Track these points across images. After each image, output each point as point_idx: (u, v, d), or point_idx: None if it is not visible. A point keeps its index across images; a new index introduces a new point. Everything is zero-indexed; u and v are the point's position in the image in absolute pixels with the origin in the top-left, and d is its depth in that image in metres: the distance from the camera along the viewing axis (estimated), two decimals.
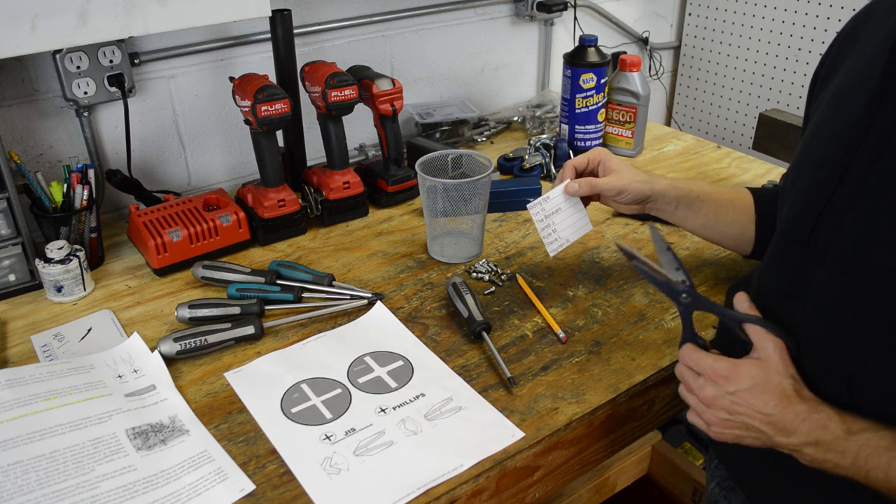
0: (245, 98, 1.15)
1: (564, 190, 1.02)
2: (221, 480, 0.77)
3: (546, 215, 1.03)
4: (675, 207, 0.99)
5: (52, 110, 1.22)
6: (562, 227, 1.03)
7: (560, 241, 1.04)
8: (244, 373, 0.93)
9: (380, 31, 1.53)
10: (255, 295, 1.05)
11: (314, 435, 0.83)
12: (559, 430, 0.84)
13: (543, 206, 1.03)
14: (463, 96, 1.71)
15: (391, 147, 1.32)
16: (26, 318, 1.05)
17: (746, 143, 1.97)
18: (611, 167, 1.00)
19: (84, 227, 1.13)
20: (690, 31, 2.05)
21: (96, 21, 0.97)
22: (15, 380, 0.85)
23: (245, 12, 1.08)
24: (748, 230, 0.99)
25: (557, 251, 1.04)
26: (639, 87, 1.48)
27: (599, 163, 1.02)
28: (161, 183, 1.38)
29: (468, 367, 0.94)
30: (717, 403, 0.71)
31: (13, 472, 0.74)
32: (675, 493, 1.76)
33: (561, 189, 1.02)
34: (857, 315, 0.66)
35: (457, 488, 0.77)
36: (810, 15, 1.75)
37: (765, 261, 0.81)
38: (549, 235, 1.04)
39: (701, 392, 0.73)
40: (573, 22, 1.80)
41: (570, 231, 1.04)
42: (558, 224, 1.03)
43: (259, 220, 1.21)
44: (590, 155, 1.03)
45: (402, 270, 1.15)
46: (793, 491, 0.76)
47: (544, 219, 1.03)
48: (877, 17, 0.73)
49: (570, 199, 1.03)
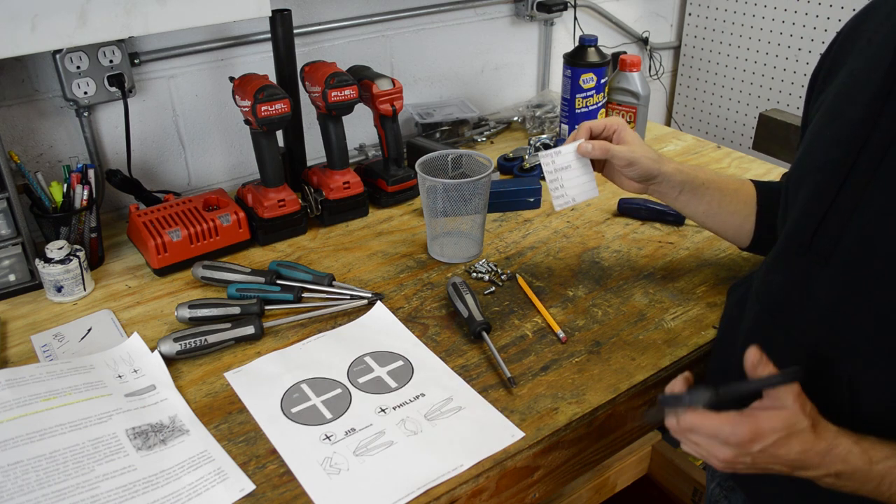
0: (245, 98, 1.15)
1: (577, 148, 1.00)
2: (221, 480, 0.77)
3: (556, 168, 1.01)
4: (678, 192, 0.99)
5: (52, 110, 1.22)
6: (570, 185, 1.02)
7: (566, 199, 1.02)
8: (244, 373, 0.93)
9: (380, 31, 1.53)
10: (255, 295, 1.05)
11: (314, 435, 0.83)
12: (559, 430, 0.84)
13: (554, 159, 1.01)
14: (463, 96, 1.71)
15: (391, 147, 1.32)
16: (26, 318, 1.05)
17: (746, 143, 1.97)
18: (625, 138, 0.99)
19: (84, 227, 1.13)
20: (690, 31, 2.05)
21: (96, 21, 0.97)
22: (15, 380, 0.85)
23: (245, 12, 1.08)
24: (748, 222, 0.99)
25: (563, 207, 1.02)
26: (639, 87, 1.48)
27: (615, 131, 1.00)
28: (161, 183, 1.38)
29: (468, 367, 0.94)
30: (738, 460, 0.67)
31: (13, 472, 0.74)
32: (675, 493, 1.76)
33: (574, 146, 1.00)
34: (859, 317, 0.66)
35: (457, 488, 0.77)
36: (810, 15, 1.75)
37: (767, 262, 0.81)
38: (557, 190, 1.02)
39: (721, 454, 0.68)
40: (573, 22, 1.80)
41: (577, 191, 1.02)
42: (567, 181, 1.02)
43: (259, 220, 1.21)
44: (607, 121, 1.01)
45: (402, 270, 1.15)
46: (793, 491, 0.76)
47: (553, 171, 1.01)
48: (877, 18, 0.73)
49: (581, 159, 1.01)
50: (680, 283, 1.11)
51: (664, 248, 1.20)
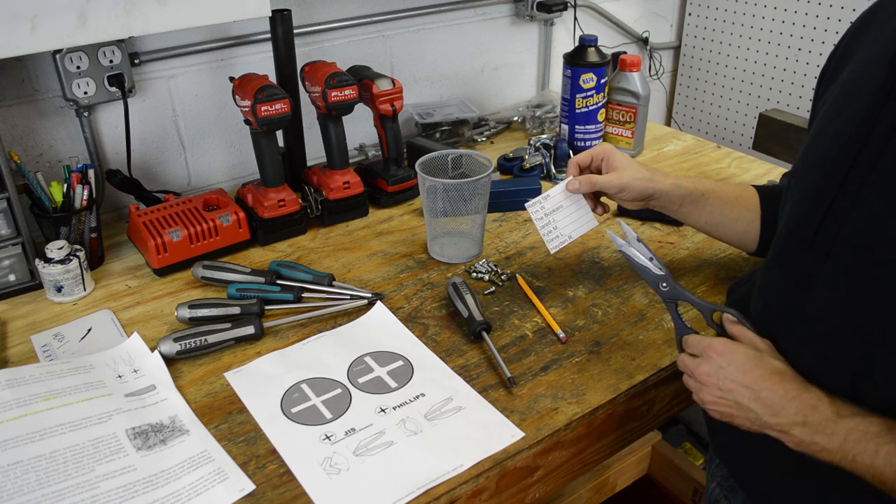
0: (245, 98, 1.15)
1: (566, 187, 1.02)
2: (221, 480, 0.77)
3: (546, 213, 1.03)
4: (679, 205, 0.99)
5: (52, 110, 1.22)
6: (563, 224, 1.03)
7: (562, 238, 1.03)
8: (244, 373, 0.93)
9: (380, 31, 1.53)
10: (255, 295, 1.05)
11: (314, 435, 0.83)
12: (559, 430, 0.84)
13: (543, 205, 1.03)
14: (463, 96, 1.71)
15: (391, 147, 1.32)
16: (26, 318, 1.05)
17: (746, 143, 1.97)
18: (613, 164, 1.00)
19: (84, 227, 1.13)
20: (690, 31, 2.05)
21: (96, 21, 0.97)
22: (15, 380, 0.85)
23: (245, 12, 1.08)
24: (753, 227, 0.99)
25: (559, 248, 1.04)
26: (639, 87, 1.48)
27: (603, 159, 1.02)
28: (161, 183, 1.38)
29: (468, 367, 0.94)
30: (711, 380, 0.74)
31: (13, 472, 0.74)
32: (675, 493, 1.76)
33: (562, 187, 1.02)
34: (860, 313, 0.66)
35: (457, 488, 0.77)
36: (810, 15, 1.75)
37: (768, 260, 0.81)
38: (550, 233, 1.03)
39: (697, 370, 0.76)
40: (573, 22, 1.80)
41: (572, 228, 1.04)
42: (560, 221, 1.03)
43: (259, 220, 1.21)
44: (593, 151, 1.03)
45: (402, 270, 1.15)
46: (795, 491, 0.76)
47: (544, 216, 1.03)
48: (883, 16, 0.73)
49: (572, 196, 1.02)
50: (680, 283, 1.10)
51: (664, 248, 1.20)
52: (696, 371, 0.76)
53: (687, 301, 0.84)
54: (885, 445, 0.63)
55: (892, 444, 0.63)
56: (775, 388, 0.70)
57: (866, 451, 0.64)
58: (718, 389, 0.73)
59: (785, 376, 0.70)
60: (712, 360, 0.74)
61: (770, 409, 0.69)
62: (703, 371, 0.75)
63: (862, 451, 0.64)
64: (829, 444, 0.66)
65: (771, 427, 0.70)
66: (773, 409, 0.69)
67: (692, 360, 0.78)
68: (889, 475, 0.63)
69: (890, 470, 0.63)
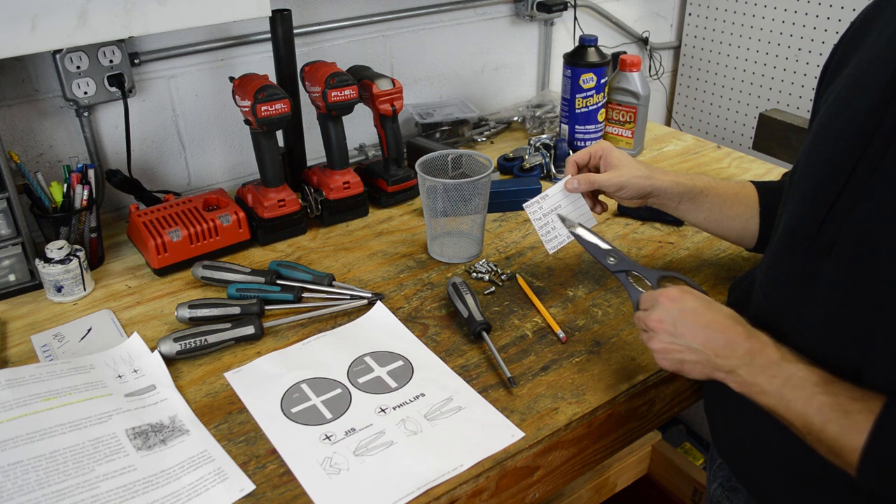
0: (245, 98, 1.15)
1: (564, 187, 1.02)
2: (221, 480, 0.77)
3: (544, 213, 1.03)
4: (677, 203, 1.00)
5: (52, 110, 1.22)
6: (561, 225, 1.03)
7: (561, 238, 1.03)
8: (244, 373, 0.93)
9: (380, 31, 1.53)
10: (255, 295, 1.05)
11: (314, 435, 0.83)
12: (559, 430, 0.84)
13: (541, 205, 1.03)
14: (463, 96, 1.71)
15: (391, 147, 1.32)
16: (26, 318, 1.05)
17: (746, 143, 1.97)
18: (612, 162, 1.00)
19: (84, 227, 1.13)
20: (690, 31, 2.05)
21: (96, 21, 0.97)
22: (15, 380, 0.85)
23: (245, 12, 1.08)
24: (752, 224, 0.99)
25: (557, 248, 1.04)
26: (639, 87, 1.48)
27: (601, 157, 1.01)
28: (161, 183, 1.38)
29: (468, 367, 0.94)
30: (663, 326, 0.76)
31: (13, 472, 0.74)
32: (675, 493, 1.76)
33: (559, 187, 1.02)
34: (862, 309, 0.66)
35: (457, 488, 0.77)
36: (810, 15, 1.75)
37: (768, 257, 0.80)
38: (549, 234, 1.03)
39: (649, 318, 0.78)
40: (573, 22, 1.80)
41: None
42: (558, 221, 1.03)
43: (259, 220, 1.21)
44: (591, 149, 1.02)
45: (402, 270, 1.15)
46: (799, 493, 0.76)
47: (542, 217, 1.03)
48: (888, 12, 0.73)
49: (571, 195, 1.02)
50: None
51: (664, 248, 1.20)
52: (649, 319, 0.78)
53: (635, 271, 0.90)
54: (820, 395, 0.65)
55: (827, 396, 0.65)
56: (726, 331, 0.72)
57: (801, 398, 0.66)
58: (670, 335, 0.76)
59: (736, 319, 0.74)
60: (664, 307, 0.77)
61: (721, 351, 0.72)
62: (654, 318, 0.78)
63: (797, 398, 0.66)
64: (768, 385, 0.68)
65: (720, 369, 0.73)
66: (724, 350, 0.72)
67: (645, 312, 0.80)
68: (817, 425, 0.65)
69: (819, 419, 0.65)
